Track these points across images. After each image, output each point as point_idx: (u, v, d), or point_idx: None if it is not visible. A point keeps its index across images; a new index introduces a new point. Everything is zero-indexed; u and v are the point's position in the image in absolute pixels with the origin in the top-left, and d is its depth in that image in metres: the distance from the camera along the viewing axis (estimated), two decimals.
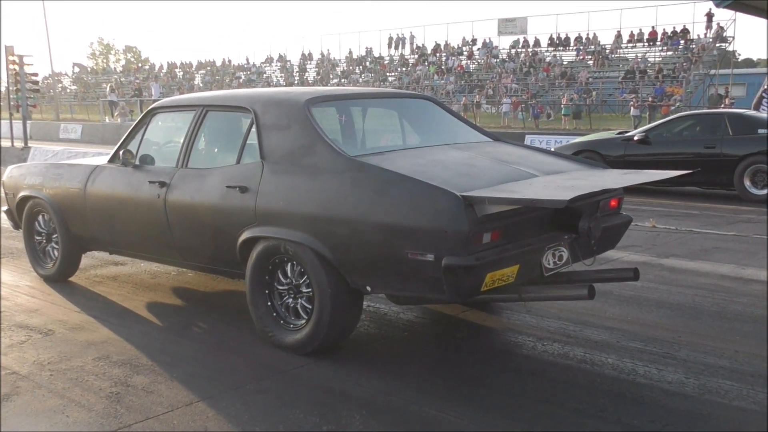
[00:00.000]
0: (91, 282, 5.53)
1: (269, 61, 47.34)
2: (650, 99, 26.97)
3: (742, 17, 31.74)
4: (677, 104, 24.99)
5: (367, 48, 44.19)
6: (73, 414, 3.18)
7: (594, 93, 29.69)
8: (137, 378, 3.58)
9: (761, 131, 10.21)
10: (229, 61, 48.93)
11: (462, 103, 31.47)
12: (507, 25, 38.82)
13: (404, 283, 3.49)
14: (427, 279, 3.32)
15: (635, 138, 11.04)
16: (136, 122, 4.96)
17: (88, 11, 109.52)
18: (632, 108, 26.31)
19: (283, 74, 45.08)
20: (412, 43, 42.39)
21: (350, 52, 44.19)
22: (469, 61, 38.45)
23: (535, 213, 3.51)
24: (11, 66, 16.87)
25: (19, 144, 17.40)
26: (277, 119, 4.04)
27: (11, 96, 17.36)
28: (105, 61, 69.93)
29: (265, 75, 45.44)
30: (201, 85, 45.38)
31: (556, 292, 3.70)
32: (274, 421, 3.09)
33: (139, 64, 60.97)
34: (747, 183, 10.07)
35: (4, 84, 18.37)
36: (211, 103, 4.56)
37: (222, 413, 3.17)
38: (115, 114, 32.31)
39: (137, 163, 4.71)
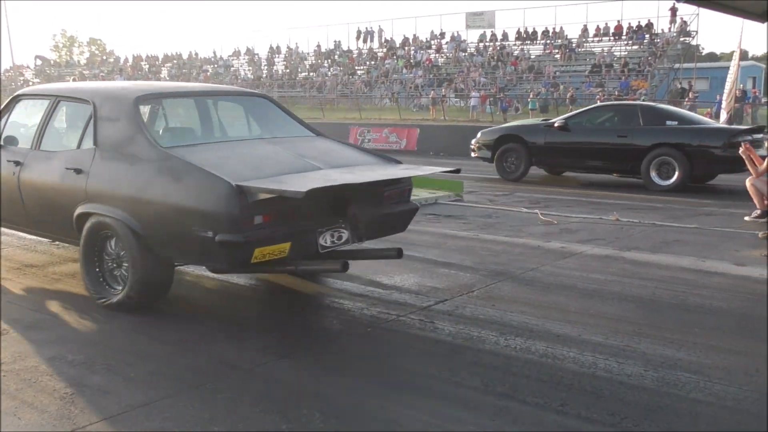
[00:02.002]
0: (49, 280, 5.40)
1: (237, 54, 46.86)
2: (616, 93, 27.26)
3: (705, 12, 32.21)
4: (642, 98, 25.31)
5: (335, 41, 44.02)
6: (25, 416, 3.10)
7: (561, 87, 29.92)
8: (93, 378, 3.50)
9: (669, 123, 10.49)
10: (196, 54, 48.31)
11: (430, 96, 31.48)
12: (475, 19, 38.92)
13: (195, 256, 4.27)
14: (209, 251, 3.99)
15: (555, 125, 11.31)
16: (3, 106, 5.52)
17: (50, 2, 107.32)
18: (599, 101, 26.58)
19: (251, 67, 44.66)
20: (380, 37, 42.29)
21: (318, 46, 43.94)
22: (437, 55, 38.49)
23: (313, 200, 3.85)
24: None
25: None
26: (110, 112, 4.65)
27: None
28: (68, 53, 68.44)
29: (232, 68, 44.97)
30: (167, 78, 44.70)
31: (317, 265, 4.46)
32: (234, 420, 3.05)
33: (104, 57, 59.95)
34: (653, 173, 10.38)
35: None
36: (63, 94, 5.19)
37: (181, 412, 3.11)
38: None
39: (2, 143, 5.27)
